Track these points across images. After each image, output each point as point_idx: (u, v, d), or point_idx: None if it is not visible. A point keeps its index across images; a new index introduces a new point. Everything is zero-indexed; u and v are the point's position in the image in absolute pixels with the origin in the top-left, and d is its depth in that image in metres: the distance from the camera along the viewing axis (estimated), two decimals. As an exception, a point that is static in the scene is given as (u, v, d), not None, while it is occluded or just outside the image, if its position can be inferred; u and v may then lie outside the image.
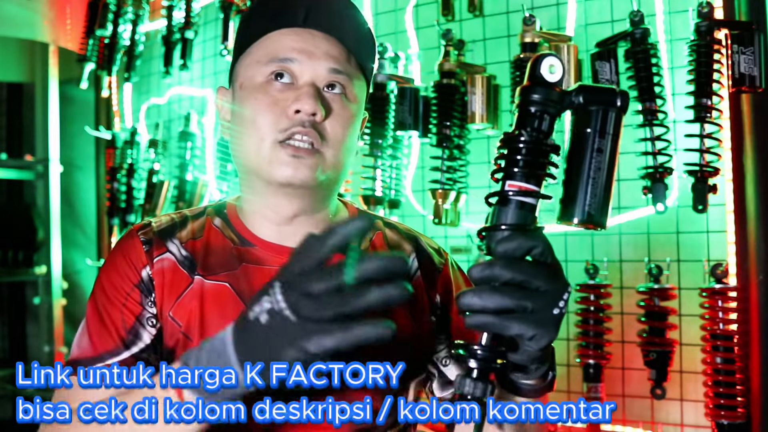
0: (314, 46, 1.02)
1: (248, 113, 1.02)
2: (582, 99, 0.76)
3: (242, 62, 1.07)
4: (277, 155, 0.99)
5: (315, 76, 1.02)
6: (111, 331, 1.00)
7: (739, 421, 1.72)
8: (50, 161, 3.57)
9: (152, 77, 3.18)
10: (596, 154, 0.75)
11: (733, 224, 1.79)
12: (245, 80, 1.04)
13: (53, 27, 3.39)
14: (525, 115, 0.76)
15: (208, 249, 1.06)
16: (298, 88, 1.01)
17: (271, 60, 1.02)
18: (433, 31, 2.23)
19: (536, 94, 0.75)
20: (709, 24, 1.74)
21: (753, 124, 1.76)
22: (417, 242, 1.15)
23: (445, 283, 1.11)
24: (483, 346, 0.75)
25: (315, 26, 1.04)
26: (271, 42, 1.04)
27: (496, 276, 0.73)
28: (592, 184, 0.75)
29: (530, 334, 0.74)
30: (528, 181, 0.75)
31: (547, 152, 0.76)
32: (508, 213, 0.75)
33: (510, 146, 0.76)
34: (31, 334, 3.70)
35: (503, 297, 0.72)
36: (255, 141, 1.01)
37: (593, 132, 0.75)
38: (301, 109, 0.98)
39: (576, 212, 0.75)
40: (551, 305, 0.74)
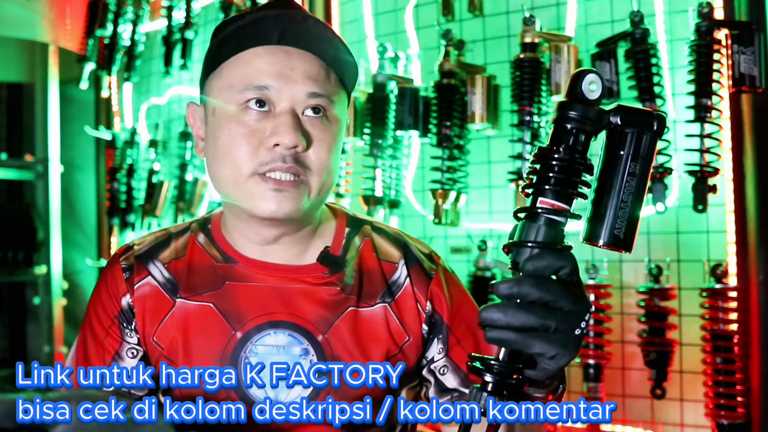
0: (290, 68, 0.97)
1: (223, 143, 0.97)
2: (620, 120, 0.75)
3: (213, 83, 1.01)
4: (258, 189, 0.96)
5: (293, 102, 0.97)
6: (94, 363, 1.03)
7: (739, 421, 1.72)
8: (50, 161, 3.57)
9: (152, 77, 3.18)
10: (629, 178, 0.74)
11: (733, 224, 1.79)
12: (218, 106, 0.99)
13: (53, 27, 3.39)
14: (561, 132, 0.75)
15: (190, 268, 1.05)
16: (275, 117, 0.96)
17: (246, 87, 0.96)
18: (433, 31, 2.23)
19: (575, 111, 0.74)
20: (709, 24, 1.74)
21: (753, 124, 1.76)
22: (406, 248, 1.10)
23: (437, 291, 1.08)
24: (500, 362, 0.74)
25: (290, 43, 0.98)
26: (244, 64, 0.98)
27: (524, 294, 0.72)
28: (621, 208, 0.74)
29: (552, 353, 0.73)
30: (559, 199, 0.74)
31: (580, 171, 0.75)
32: (538, 230, 0.74)
33: (544, 162, 0.74)
34: (31, 334, 3.69)
35: (528, 315, 0.72)
36: (232, 173, 0.97)
37: (627, 155, 0.74)
38: (281, 143, 0.94)
39: (603, 234, 0.74)
40: (574, 326, 0.74)
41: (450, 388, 1.07)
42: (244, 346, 0.99)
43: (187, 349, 1.00)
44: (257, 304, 1.01)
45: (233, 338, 1.00)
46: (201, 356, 0.99)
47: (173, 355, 1.00)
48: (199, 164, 2.83)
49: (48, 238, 3.55)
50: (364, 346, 1.03)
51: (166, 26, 2.86)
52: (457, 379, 1.06)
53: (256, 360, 0.99)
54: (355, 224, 1.12)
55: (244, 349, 0.99)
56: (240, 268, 1.04)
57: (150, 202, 2.96)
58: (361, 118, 2.21)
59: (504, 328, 0.72)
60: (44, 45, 3.54)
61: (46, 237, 3.55)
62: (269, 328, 1.00)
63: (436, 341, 1.08)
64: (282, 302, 1.01)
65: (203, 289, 1.02)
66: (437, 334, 1.08)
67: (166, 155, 3.03)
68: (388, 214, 2.25)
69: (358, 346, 1.02)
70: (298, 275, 1.04)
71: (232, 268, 1.04)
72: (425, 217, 2.28)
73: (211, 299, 1.02)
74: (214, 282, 1.03)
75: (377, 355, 1.03)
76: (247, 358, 0.99)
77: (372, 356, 1.02)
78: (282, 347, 1.00)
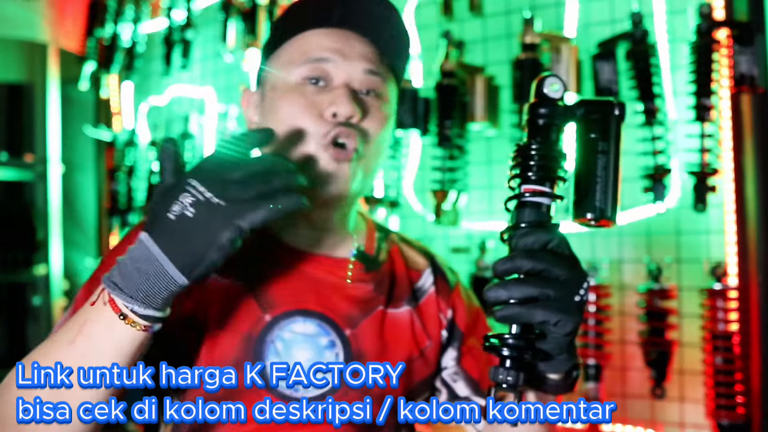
0: (349, 47, 1.00)
1: (283, 115, 0.99)
2: (583, 110, 0.83)
3: (273, 63, 1.04)
4: (319, 158, 0.97)
5: (350, 77, 0.99)
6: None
7: (739, 421, 1.72)
8: (50, 161, 3.57)
9: (152, 77, 3.18)
10: (602, 156, 0.82)
11: (733, 224, 1.79)
12: (278, 81, 1.01)
13: (53, 27, 3.39)
14: (534, 128, 0.83)
15: None
16: (332, 90, 0.98)
17: (306, 60, 0.99)
18: (433, 31, 2.23)
19: (543, 108, 0.83)
20: (709, 24, 1.74)
21: (753, 124, 1.76)
22: (433, 259, 1.16)
23: (458, 300, 1.13)
24: (514, 335, 0.79)
25: (349, 27, 1.02)
26: (305, 42, 1.01)
27: (518, 266, 0.78)
28: (601, 183, 0.81)
29: (555, 319, 0.77)
30: (542, 183, 0.81)
31: (557, 158, 0.82)
32: (526, 214, 0.81)
33: (524, 154, 0.82)
34: (31, 334, 3.69)
35: (527, 286, 0.77)
36: (290, 146, 0.98)
37: (597, 136, 0.82)
38: (338, 112, 0.96)
39: (589, 209, 0.81)
40: (572, 293, 0.79)
41: (461, 396, 1.08)
42: (271, 330, 0.98)
43: (215, 325, 0.98)
44: (289, 290, 1.01)
45: (261, 320, 0.99)
46: (228, 334, 0.97)
47: (200, 329, 0.98)
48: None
49: (48, 238, 3.55)
50: (389, 346, 1.04)
51: (166, 26, 2.86)
52: (469, 388, 1.08)
53: (281, 345, 0.98)
54: (383, 231, 1.16)
55: (271, 333, 0.98)
56: (275, 251, 1.03)
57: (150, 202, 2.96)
58: (361, 118, 2.21)
59: (507, 303, 0.77)
60: (44, 45, 3.54)
61: (46, 237, 3.55)
62: (299, 316, 1.00)
63: (451, 349, 1.11)
64: (314, 292, 1.02)
65: (237, 267, 1.00)
66: (453, 342, 1.11)
67: (166, 155, 3.02)
68: (388, 214, 2.24)
69: (383, 345, 1.03)
70: (332, 268, 1.04)
71: (266, 252, 1.03)
72: (425, 217, 2.28)
73: (242, 279, 1.00)
74: (248, 263, 1.01)
75: (400, 355, 1.04)
76: (273, 341, 0.98)
77: (395, 356, 1.04)
78: (309, 336, 0.99)
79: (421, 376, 1.07)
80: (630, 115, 1.85)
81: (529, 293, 0.77)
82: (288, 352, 0.98)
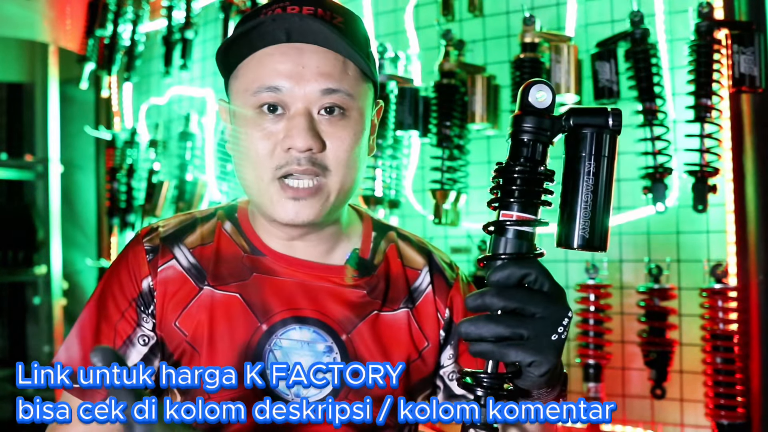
0: (301, 66, 0.94)
1: (242, 146, 0.98)
2: (573, 122, 0.76)
3: (233, 85, 1.01)
4: (277, 197, 0.96)
5: (307, 101, 0.95)
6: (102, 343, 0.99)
7: (739, 421, 1.72)
8: (50, 161, 3.57)
9: (152, 77, 3.18)
10: (586, 177, 0.74)
11: (733, 224, 1.79)
12: (237, 108, 1.00)
13: (53, 27, 3.39)
14: (518, 144, 0.76)
15: (218, 256, 1.04)
16: (289, 119, 0.95)
17: (259, 89, 0.95)
18: (433, 31, 2.23)
19: (527, 123, 0.76)
20: (709, 24, 1.74)
21: (753, 124, 1.76)
22: (430, 256, 1.13)
23: (456, 299, 1.11)
24: (488, 374, 0.76)
25: (301, 39, 0.95)
26: (258, 65, 0.96)
27: (488, 305, 0.74)
28: (584, 208, 0.74)
29: (528, 360, 0.74)
30: (525, 210, 0.75)
31: (541, 180, 0.76)
32: (506, 243, 0.75)
33: (505, 176, 0.76)
34: (31, 334, 3.70)
35: (498, 325, 0.73)
36: (253, 177, 0.98)
37: (587, 155, 0.75)
38: (293, 146, 0.94)
39: (573, 238, 0.75)
40: (549, 331, 0.74)
41: (458, 394, 1.08)
42: (269, 339, 1.00)
43: (212, 338, 0.99)
44: (284, 298, 1.02)
45: (259, 330, 1.00)
46: (226, 346, 0.99)
47: (197, 342, 1.00)
48: (199, 164, 2.83)
49: (48, 238, 3.55)
50: (386, 348, 1.04)
51: (166, 26, 2.86)
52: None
53: (280, 354, 1.00)
54: (380, 229, 1.13)
55: (269, 342, 1.00)
56: (267, 261, 1.04)
57: (150, 202, 2.96)
58: (361, 118, 2.21)
59: (479, 340, 0.74)
60: (44, 45, 3.54)
61: (46, 237, 3.55)
62: (295, 323, 1.01)
63: (449, 347, 1.09)
64: (309, 299, 1.02)
65: (230, 278, 1.02)
66: (450, 340, 1.09)
67: (166, 155, 3.02)
68: (388, 214, 2.24)
69: (380, 348, 1.03)
70: (326, 274, 1.04)
71: (259, 260, 1.04)
72: (425, 217, 2.28)
73: (237, 290, 1.01)
74: (241, 272, 1.02)
75: (398, 357, 1.04)
76: (272, 351, 1.00)
77: (393, 359, 1.03)
78: (307, 343, 1.00)
79: (420, 376, 1.07)
80: (630, 115, 1.86)
81: (499, 333, 0.73)
82: (287, 359, 0.99)
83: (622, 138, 0.78)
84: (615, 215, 1.97)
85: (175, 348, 1.01)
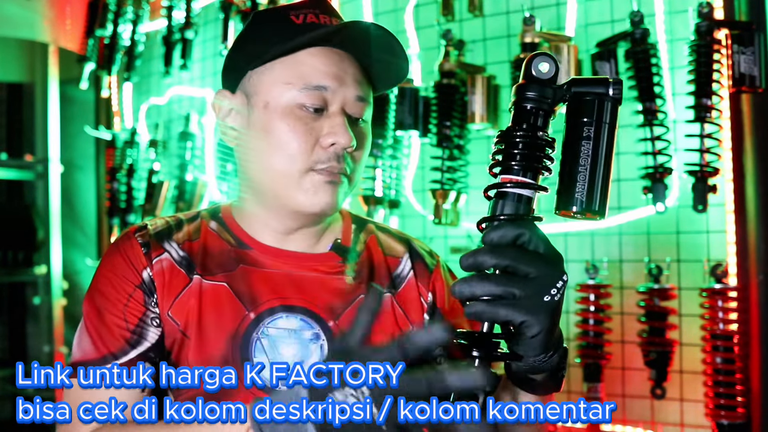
0: (343, 71, 1.02)
1: (278, 137, 1.01)
2: (574, 91, 0.78)
3: (263, 77, 1.03)
4: (312, 182, 1.01)
5: (344, 103, 1.02)
6: (114, 331, 1.00)
7: (739, 421, 1.72)
8: (50, 161, 3.57)
9: (152, 77, 3.18)
10: (590, 144, 0.76)
11: (733, 224, 1.79)
12: (272, 100, 1.01)
13: (53, 27, 3.39)
14: (520, 112, 0.78)
15: (205, 250, 1.07)
16: (330, 117, 1.01)
17: (304, 86, 1.00)
18: (433, 31, 2.23)
19: (531, 91, 0.77)
20: (709, 24, 1.74)
21: (753, 124, 1.76)
22: (410, 244, 1.17)
23: (437, 284, 1.14)
24: (483, 333, 0.76)
25: (344, 47, 1.02)
26: (300, 64, 1.01)
27: (480, 262, 0.74)
28: (587, 173, 0.75)
29: (519, 319, 0.74)
30: (525, 174, 0.76)
31: (542, 146, 0.77)
32: (504, 205, 0.76)
33: (507, 141, 0.78)
34: (31, 334, 3.69)
35: (489, 283, 0.73)
36: (285, 167, 1.01)
37: (588, 122, 0.76)
38: (337, 142, 1.00)
39: (573, 201, 0.75)
40: (541, 292, 0.74)
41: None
42: (257, 327, 1.02)
43: (201, 325, 1.01)
44: (271, 288, 1.04)
45: (246, 318, 1.02)
46: (215, 334, 1.01)
47: (189, 330, 1.01)
48: (199, 164, 2.83)
49: (48, 238, 3.55)
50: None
51: (166, 26, 2.86)
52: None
53: (267, 342, 1.02)
54: (360, 222, 1.18)
55: (257, 330, 1.02)
56: (253, 253, 1.07)
57: (150, 202, 2.96)
58: (361, 118, 2.21)
59: (472, 299, 0.74)
60: (44, 45, 3.54)
61: (46, 237, 3.55)
62: (282, 312, 1.03)
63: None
64: (295, 288, 1.05)
65: (218, 269, 1.05)
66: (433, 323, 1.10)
67: (166, 155, 3.03)
68: (388, 214, 2.24)
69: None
70: (311, 264, 1.08)
71: (245, 253, 1.07)
72: (425, 217, 2.28)
73: (225, 279, 1.04)
74: (228, 264, 1.05)
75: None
76: (259, 339, 1.01)
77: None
78: (294, 331, 1.03)
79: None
80: (630, 115, 1.86)
81: (491, 291, 0.73)
82: (274, 348, 1.01)
83: (623, 138, 0.78)
84: (615, 215, 1.97)
85: (172, 342, 1.02)
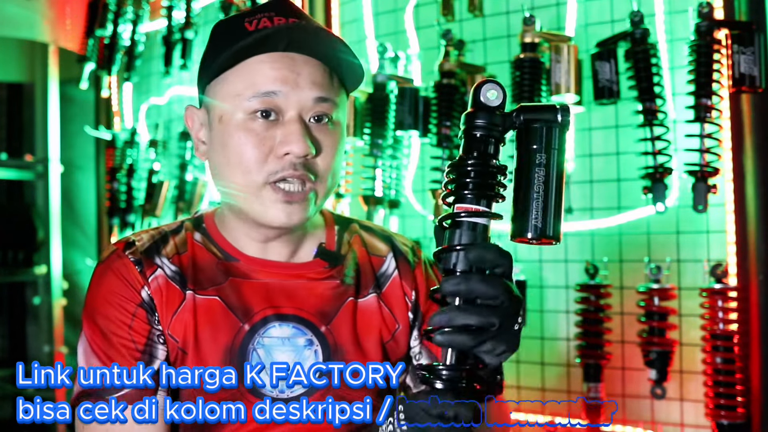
0: (296, 74, 0.97)
1: (232, 151, 0.98)
2: (523, 118, 0.78)
3: (217, 89, 1.02)
4: (269, 200, 0.98)
5: (300, 108, 0.98)
6: (123, 353, 0.97)
7: (739, 421, 1.72)
8: (50, 161, 3.57)
9: (152, 77, 3.18)
10: (542, 170, 0.77)
11: (733, 224, 1.79)
12: (224, 114, 1.00)
13: (53, 27, 3.39)
14: (471, 140, 0.79)
15: (195, 264, 1.05)
16: (284, 125, 0.97)
17: (254, 95, 0.97)
18: (433, 31, 2.23)
19: (480, 119, 0.78)
20: (709, 24, 1.74)
21: (753, 124, 1.76)
22: (392, 242, 1.16)
23: (419, 280, 1.14)
24: (448, 366, 0.76)
25: (294, 49, 0.98)
26: (250, 71, 0.98)
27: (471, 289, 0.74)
28: (541, 199, 0.76)
29: (501, 350, 0.76)
30: (478, 202, 0.77)
31: (494, 174, 0.78)
32: (461, 235, 0.77)
33: (458, 171, 0.78)
34: (31, 334, 3.69)
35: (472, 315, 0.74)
36: (243, 181, 0.99)
37: (538, 148, 0.77)
38: (291, 152, 0.96)
39: (526, 229, 0.76)
40: (514, 321, 0.77)
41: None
42: (252, 338, 1.02)
43: (198, 341, 1.01)
44: (261, 298, 1.04)
45: (241, 330, 1.02)
46: (211, 348, 1.00)
47: (187, 347, 1.01)
48: (199, 164, 2.83)
49: (48, 238, 3.55)
50: (362, 334, 1.07)
51: (166, 26, 2.85)
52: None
53: (263, 352, 1.01)
54: (342, 222, 1.17)
55: (252, 341, 1.02)
56: (240, 265, 1.06)
57: (150, 202, 2.96)
58: (361, 118, 2.21)
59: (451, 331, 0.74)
60: (44, 45, 3.54)
61: (46, 237, 3.55)
62: (275, 321, 1.03)
63: (415, 329, 1.13)
64: (285, 296, 1.05)
65: (208, 284, 1.04)
66: (416, 322, 1.13)
67: (166, 155, 3.02)
68: (388, 214, 2.24)
69: (356, 335, 1.06)
70: (299, 271, 1.07)
71: (232, 265, 1.06)
72: (425, 217, 2.28)
73: (216, 293, 1.03)
74: (217, 277, 1.04)
75: (373, 342, 1.07)
76: (255, 349, 1.01)
77: (369, 344, 1.06)
78: (287, 339, 1.03)
79: (395, 357, 1.10)
80: (630, 115, 1.85)
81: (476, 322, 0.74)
82: (269, 357, 1.01)
83: (623, 138, 0.79)
84: (615, 215, 1.97)
85: (173, 360, 1.01)
